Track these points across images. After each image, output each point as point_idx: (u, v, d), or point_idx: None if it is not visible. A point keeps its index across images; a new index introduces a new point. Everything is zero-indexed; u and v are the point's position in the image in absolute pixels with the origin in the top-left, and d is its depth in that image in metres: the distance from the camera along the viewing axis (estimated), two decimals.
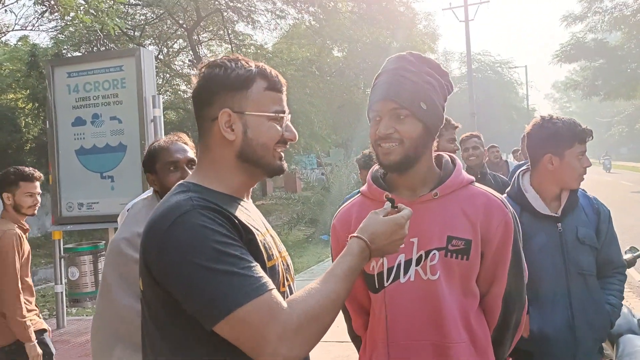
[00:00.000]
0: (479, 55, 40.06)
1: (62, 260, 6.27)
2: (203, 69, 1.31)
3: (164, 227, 1.16)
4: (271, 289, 1.14)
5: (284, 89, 1.36)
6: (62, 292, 6.43)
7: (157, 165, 2.21)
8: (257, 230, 1.28)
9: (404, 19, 20.71)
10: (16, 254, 3.13)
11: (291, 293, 1.35)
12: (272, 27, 18.43)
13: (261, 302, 1.10)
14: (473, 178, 1.70)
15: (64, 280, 6.33)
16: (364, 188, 1.75)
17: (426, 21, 26.06)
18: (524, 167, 2.47)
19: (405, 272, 1.60)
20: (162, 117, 5.92)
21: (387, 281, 1.61)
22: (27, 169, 3.42)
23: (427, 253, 1.58)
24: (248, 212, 1.32)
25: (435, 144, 1.66)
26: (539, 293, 2.23)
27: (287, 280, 1.37)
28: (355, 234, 1.32)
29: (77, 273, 5.95)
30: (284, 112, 1.33)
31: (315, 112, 16.46)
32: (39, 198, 3.38)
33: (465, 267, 1.57)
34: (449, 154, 1.75)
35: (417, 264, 1.59)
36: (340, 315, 1.43)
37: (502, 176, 4.41)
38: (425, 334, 1.56)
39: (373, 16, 19.53)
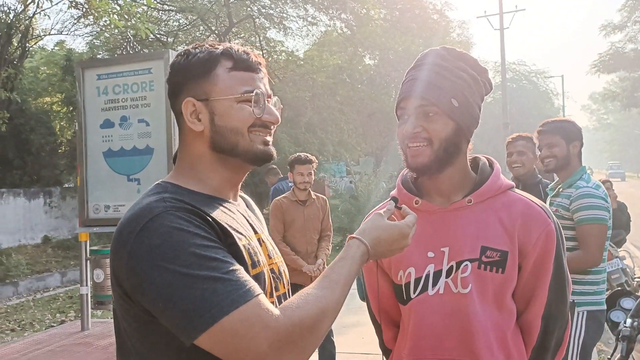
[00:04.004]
0: (514, 64, 39.50)
1: (88, 262, 6.28)
2: (174, 59, 1.22)
3: (134, 232, 1.03)
4: (259, 294, 1.01)
5: (260, 67, 1.23)
6: (87, 294, 6.43)
7: None
8: (240, 234, 1.15)
9: (437, 27, 20.54)
10: None
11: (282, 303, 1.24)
12: (303, 34, 18.48)
13: (249, 310, 0.98)
14: (512, 184, 1.55)
15: (89, 283, 6.33)
16: (393, 192, 1.61)
17: (460, 29, 25.86)
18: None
19: (434, 284, 1.47)
20: None
21: (414, 293, 1.49)
22: None
23: (459, 264, 1.45)
24: (231, 214, 1.19)
25: (470, 145, 1.52)
26: None
27: (278, 289, 1.24)
28: (357, 236, 1.21)
29: (102, 275, 5.94)
30: (253, 91, 1.18)
31: (345, 120, 16.39)
32: None
33: (499, 281, 1.43)
34: (487, 156, 1.60)
35: (448, 275, 1.46)
36: (366, 327, 1.30)
37: None
38: (454, 351, 1.44)
39: (405, 24, 19.42)
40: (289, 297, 1.26)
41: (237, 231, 1.15)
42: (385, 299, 1.62)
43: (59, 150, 16.09)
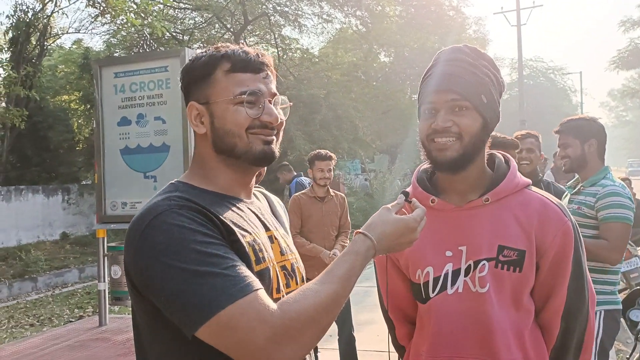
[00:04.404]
0: (531, 61, 39.07)
1: (106, 258, 6.35)
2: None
3: (140, 229, 1.08)
4: (257, 289, 1.03)
5: (264, 67, 1.23)
6: (104, 290, 6.51)
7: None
8: (244, 231, 1.17)
9: (453, 23, 20.40)
10: None
11: None
12: (318, 32, 18.47)
13: (246, 304, 1.00)
14: (529, 181, 1.53)
15: (107, 279, 6.40)
16: (408, 190, 1.60)
17: (476, 26, 25.59)
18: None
19: (453, 283, 1.46)
20: None
21: (432, 292, 1.49)
22: None
23: (477, 263, 1.44)
24: (238, 212, 1.21)
25: (488, 143, 1.51)
26: None
27: (289, 286, 1.26)
28: (362, 231, 1.20)
29: (120, 271, 6.00)
30: (247, 92, 1.19)
31: (359, 117, 16.35)
32: None
33: (517, 280, 1.43)
34: (504, 153, 1.59)
35: (466, 274, 1.45)
36: (380, 324, 1.29)
37: (561, 186, 3.95)
38: (472, 349, 1.43)
39: (421, 21, 19.32)
40: None
41: (242, 228, 1.17)
42: (400, 296, 1.62)
43: (77, 148, 16.28)
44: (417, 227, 1.23)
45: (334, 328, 4.53)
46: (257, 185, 2.11)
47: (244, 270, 1.05)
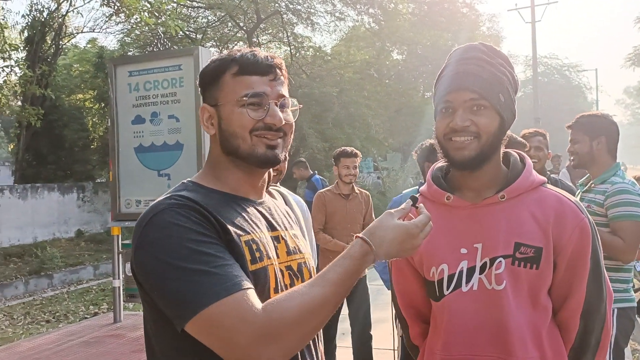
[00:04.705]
0: (545, 58, 38.66)
1: (120, 255, 6.40)
2: None
3: (141, 226, 1.14)
4: (245, 289, 1.06)
5: (272, 69, 1.25)
6: (119, 287, 6.56)
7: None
8: (242, 230, 1.19)
9: (466, 20, 20.27)
10: None
11: None
12: (331, 29, 18.51)
13: (230, 303, 1.03)
14: (544, 179, 1.52)
15: (121, 276, 6.46)
16: (423, 188, 1.60)
17: (490, 23, 25.43)
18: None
19: (468, 281, 1.45)
20: None
21: (447, 289, 1.48)
22: None
23: (492, 260, 1.43)
24: (241, 212, 1.23)
25: (504, 141, 1.50)
26: None
27: (292, 286, 1.25)
28: (361, 235, 1.18)
29: None
30: (249, 94, 1.21)
31: (372, 115, 16.31)
32: None
33: (534, 277, 1.42)
34: (518, 151, 1.58)
35: (482, 272, 1.44)
36: (390, 323, 1.28)
37: (569, 183, 3.98)
38: (488, 348, 1.42)
39: (434, 18, 19.21)
40: None
41: (240, 227, 1.19)
42: (413, 295, 1.62)
43: (91, 146, 16.42)
44: (419, 234, 1.20)
45: (346, 327, 4.53)
46: (274, 184, 2.12)
47: (234, 269, 1.08)
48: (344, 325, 4.53)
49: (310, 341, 1.28)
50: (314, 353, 1.31)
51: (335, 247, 4.35)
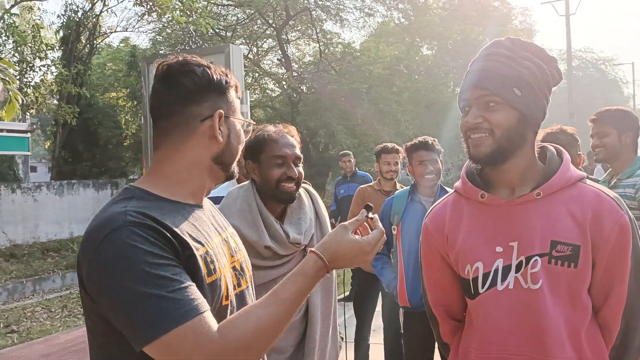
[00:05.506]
0: (580, 52, 37.79)
1: None
2: (187, 67, 1.25)
3: (96, 242, 1.09)
4: (202, 312, 1.07)
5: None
6: None
7: (262, 156, 2.07)
8: (198, 243, 1.19)
9: (498, 14, 19.94)
10: None
11: (243, 299, 1.31)
12: (360, 25, 18.46)
13: (187, 328, 1.05)
14: (583, 174, 1.48)
15: None
16: (457, 184, 1.58)
17: (522, 16, 24.92)
18: None
19: (504, 279, 1.43)
20: (249, 113, 5.97)
21: (482, 288, 1.46)
22: None
23: (528, 259, 1.41)
24: (194, 222, 1.23)
25: (538, 136, 1.47)
26: None
27: (240, 285, 1.31)
28: (315, 250, 1.21)
29: None
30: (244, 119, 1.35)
31: (401, 111, 16.21)
32: None
33: (573, 276, 1.38)
34: (556, 145, 1.55)
35: (517, 270, 1.42)
36: None
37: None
38: (523, 347, 1.40)
39: (465, 12, 18.95)
40: (252, 291, 1.38)
41: (197, 240, 1.19)
42: (445, 291, 1.61)
43: (125, 143, 16.74)
44: (372, 250, 1.24)
45: (378, 323, 4.52)
46: (304, 181, 2.12)
47: (191, 291, 1.08)
48: (377, 321, 4.52)
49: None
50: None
51: None
